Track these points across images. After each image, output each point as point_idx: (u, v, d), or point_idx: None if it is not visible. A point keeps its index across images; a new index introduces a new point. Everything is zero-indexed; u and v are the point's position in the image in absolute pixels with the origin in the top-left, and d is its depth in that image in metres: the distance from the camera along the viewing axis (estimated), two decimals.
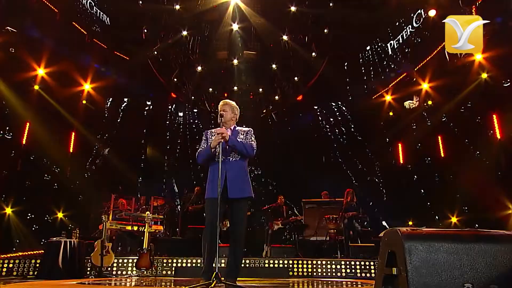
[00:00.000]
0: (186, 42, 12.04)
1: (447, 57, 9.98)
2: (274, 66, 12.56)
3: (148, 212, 5.57)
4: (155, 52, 12.23)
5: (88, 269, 5.68)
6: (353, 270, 6.34)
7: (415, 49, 10.90)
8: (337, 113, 13.45)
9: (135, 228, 6.75)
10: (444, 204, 10.27)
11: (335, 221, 7.58)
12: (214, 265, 3.18)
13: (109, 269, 5.71)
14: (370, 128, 12.62)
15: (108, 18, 12.31)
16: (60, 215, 11.06)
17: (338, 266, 6.37)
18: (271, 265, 6.61)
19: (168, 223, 8.21)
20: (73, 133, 11.94)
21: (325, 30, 11.78)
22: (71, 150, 11.88)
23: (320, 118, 13.56)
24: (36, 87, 11.04)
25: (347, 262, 6.42)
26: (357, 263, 6.36)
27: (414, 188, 11.17)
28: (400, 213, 10.96)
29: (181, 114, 13.43)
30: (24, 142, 10.73)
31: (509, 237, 2.18)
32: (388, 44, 11.77)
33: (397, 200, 11.30)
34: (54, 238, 5.41)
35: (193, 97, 12.81)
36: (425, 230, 2.33)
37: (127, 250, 6.97)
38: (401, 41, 11.35)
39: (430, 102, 11.03)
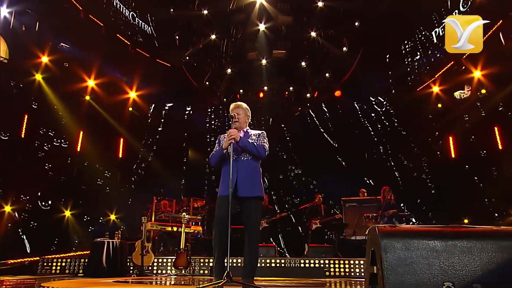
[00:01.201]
0: (216, 45, 12.23)
1: (502, 41, 9.17)
2: (304, 63, 12.33)
3: (184, 213, 5.72)
4: (187, 57, 12.57)
5: (131, 268, 5.98)
6: None
7: None
8: (378, 108, 12.88)
9: (175, 229, 6.97)
10: (504, 200, 9.42)
11: (375, 220, 7.27)
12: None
13: (150, 268, 5.96)
14: (415, 122, 11.94)
15: (149, 28, 12.91)
16: (112, 217, 11.75)
17: None
18: (307, 265, 6.49)
19: (208, 223, 8.37)
20: (121, 139, 12.66)
21: (356, 23, 11.34)
22: (120, 155, 12.63)
23: (360, 114, 13.08)
24: (87, 97, 11.89)
25: None
26: None
27: (469, 184, 10.37)
28: (453, 211, 10.24)
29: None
30: (78, 149, 11.60)
31: (492, 234, 2.03)
32: (433, 32, 11.07)
33: (449, 196, 10.56)
34: (98, 239, 5.77)
35: (225, 99, 12.97)
36: (404, 227, 2.22)
37: (168, 250, 7.22)
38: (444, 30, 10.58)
39: (483, 91, 10.20)
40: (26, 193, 9.96)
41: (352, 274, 6.25)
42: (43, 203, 10.32)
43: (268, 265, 5.94)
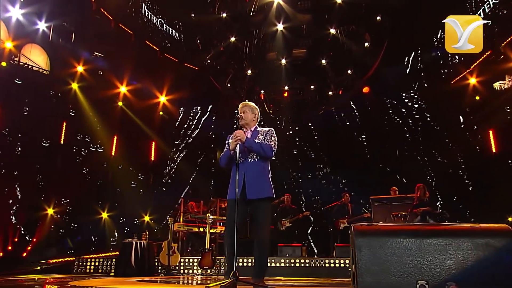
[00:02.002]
0: (236, 47, 12.30)
1: None
2: (325, 61, 12.09)
3: (208, 214, 5.79)
4: (209, 61, 12.75)
5: (159, 268, 6.16)
6: None
7: (500, 22, 9.52)
8: (409, 103, 12.37)
9: (201, 229, 7.08)
10: None
11: (403, 218, 6.99)
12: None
13: (177, 268, 6.10)
14: (449, 116, 11.35)
15: (177, 33, 13.23)
16: (146, 218, 12.13)
17: None
18: (332, 265, 6.35)
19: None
20: (153, 143, 13.06)
21: (378, 18, 10.96)
22: (152, 158, 13.04)
23: (390, 110, 12.62)
24: (120, 103, 12.38)
25: None
26: None
27: None
28: (495, 209, 9.62)
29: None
30: (113, 153, 12.10)
31: (468, 231, 2.00)
32: None
33: (489, 194, 9.94)
34: (127, 240, 5.98)
35: (247, 101, 12.96)
36: (380, 225, 2.15)
37: (196, 250, 7.34)
38: (482, 16, 10.00)
39: None
40: (66, 196, 10.53)
41: None
42: (82, 206, 10.83)
43: (292, 265, 5.88)
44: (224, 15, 11.55)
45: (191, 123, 13.79)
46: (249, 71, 12.77)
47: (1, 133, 9.50)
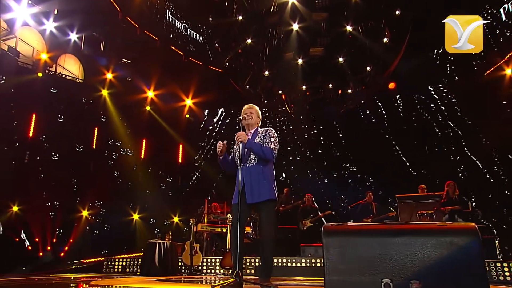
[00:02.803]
0: (253, 48, 12.32)
1: None
2: (343, 59, 11.84)
3: (229, 215, 5.83)
4: (227, 64, 12.85)
5: (183, 268, 6.28)
6: None
7: None
8: (438, 98, 11.82)
9: (224, 229, 7.14)
10: None
11: (429, 217, 6.68)
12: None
13: (199, 267, 6.19)
14: (482, 109, 10.74)
15: (200, 37, 13.46)
16: (176, 219, 12.41)
17: None
18: None
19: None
20: (181, 145, 13.35)
21: (397, 12, 10.58)
22: (180, 161, 13.33)
23: (418, 105, 12.13)
24: (148, 107, 12.76)
25: None
26: None
27: None
28: None
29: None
30: (142, 156, 12.50)
31: (432, 230, 2.01)
32: (501, 9, 9.89)
33: None
34: (151, 240, 6.15)
35: (265, 101, 13.00)
36: (348, 225, 2.16)
37: (220, 250, 7.41)
38: None
39: None
40: (99, 199, 10.99)
41: None
42: (114, 208, 11.24)
43: (313, 265, 5.79)
44: (240, 17, 11.63)
45: (215, 125, 13.97)
46: (267, 72, 12.77)
47: (39, 140, 10.07)
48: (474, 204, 8.89)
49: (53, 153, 10.21)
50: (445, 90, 11.84)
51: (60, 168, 10.16)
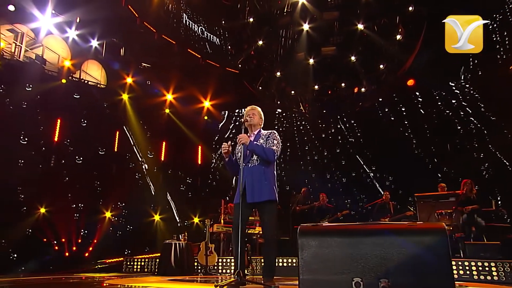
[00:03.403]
0: (265, 50, 12.30)
1: None
2: (355, 58, 11.61)
3: None
4: (240, 65, 12.89)
5: (199, 268, 6.35)
6: (467, 272, 5.31)
7: None
8: (460, 93, 11.39)
9: None
10: None
11: (448, 216, 6.45)
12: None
13: (215, 267, 6.25)
14: (507, 104, 10.25)
15: (218, 39, 13.59)
16: (196, 219, 12.57)
17: None
18: None
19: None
20: (199, 147, 13.52)
21: (410, 8, 10.26)
22: (199, 162, 13.50)
23: (439, 102, 11.73)
24: (167, 110, 13.00)
25: (459, 263, 5.41)
26: (473, 263, 5.29)
27: None
28: None
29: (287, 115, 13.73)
30: (162, 159, 12.75)
31: (401, 230, 2.06)
32: None
33: None
34: (167, 241, 6.26)
35: (278, 102, 12.95)
36: (323, 225, 2.22)
37: None
38: None
39: None
40: (122, 200, 11.29)
41: None
42: (136, 209, 11.51)
43: None
44: (251, 20, 11.67)
45: (231, 126, 14.07)
46: (278, 73, 12.74)
47: (64, 144, 10.44)
48: (499, 202, 8.55)
49: (77, 157, 10.57)
50: (467, 85, 11.42)
51: (83, 171, 10.52)
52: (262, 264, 4.28)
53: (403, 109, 12.30)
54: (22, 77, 9.61)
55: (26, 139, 9.50)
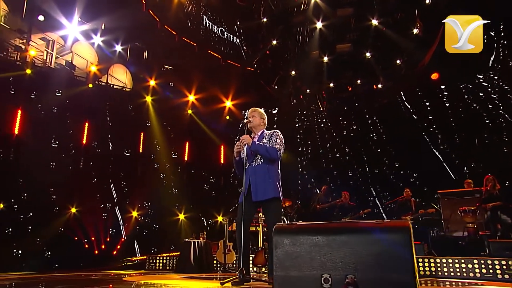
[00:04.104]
0: (279, 49, 12.22)
1: None
2: (369, 54, 11.28)
3: (260, 214, 5.92)
4: (256, 65, 12.86)
5: (218, 266, 6.45)
6: (490, 271, 5.07)
7: None
8: (488, 86, 10.84)
9: (259, 228, 7.21)
10: None
11: (472, 214, 6.17)
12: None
13: (233, 265, 6.32)
14: None
15: (238, 39, 13.69)
16: (220, 218, 12.73)
17: (470, 266, 5.21)
18: None
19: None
20: (222, 146, 13.67)
21: (427, 1, 9.84)
22: (222, 161, 13.65)
23: (466, 95, 11.23)
24: (190, 111, 13.24)
25: (482, 261, 5.18)
26: (497, 262, 5.05)
27: None
28: None
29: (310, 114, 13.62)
30: (186, 158, 13.00)
31: (368, 228, 2.14)
32: None
33: None
34: (186, 240, 6.40)
35: (294, 101, 12.84)
36: (297, 224, 2.30)
37: (252, 249, 7.48)
38: None
39: None
40: (147, 200, 11.61)
41: (440, 273, 5.48)
42: (161, 209, 11.80)
43: None
44: (265, 20, 11.66)
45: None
46: (293, 72, 12.64)
47: (91, 147, 10.87)
48: None
49: (104, 158, 10.96)
50: (496, 77, 10.87)
51: (111, 172, 10.91)
52: None
53: (427, 103, 11.88)
54: (53, 83, 10.06)
55: (57, 142, 9.96)
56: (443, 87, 11.66)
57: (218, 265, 6.52)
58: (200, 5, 12.50)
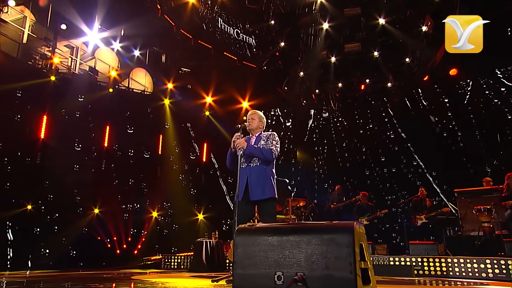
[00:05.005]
0: (288, 50, 12.15)
1: None
2: (377, 53, 11.00)
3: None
4: (265, 67, 12.82)
5: (230, 264, 6.55)
6: (503, 271, 4.90)
7: None
8: (509, 80, 10.36)
9: None
10: None
11: (487, 212, 5.94)
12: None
13: None
14: None
15: (253, 41, 13.75)
16: None
17: (482, 266, 5.05)
18: (391, 263, 5.83)
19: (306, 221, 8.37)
20: None
21: None
22: None
23: (487, 91, 10.78)
24: (207, 113, 13.44)
25: (495, 261, 5.00)
26: (510, 262, 4.87)
27: None
28: None
29: (325, 115, 13.50)
30: (204, 160, 13.21)
31: (317, 229, 2.29)
32: None
33: None
34: (198, 239, 6.54)
35: (304, 101, 12.70)
36: (257, 225, 2.47)
37: None
38: None
39: None
40: (167, 200, 11.89)
41: (451, 273, 5.36)
42: (181, 209, 12.05)
43: None
44: (273, 22, 11.66)
45: (270, 124, 14.13)
46: (301, 73, 12.56)
47: (113, 149, 11.23)
48: None
49: (125, 160, 11.30)
50: None
51: (131, 174, 11.24)
52: None
53: (446, 100, 11.52)
54: (76, 88, 10.46)
55: (80, 145, 10.35)
56: (462, 83, 11.27)
57: (230, 265, 6.62)
58: (215, 7, 12.65)
